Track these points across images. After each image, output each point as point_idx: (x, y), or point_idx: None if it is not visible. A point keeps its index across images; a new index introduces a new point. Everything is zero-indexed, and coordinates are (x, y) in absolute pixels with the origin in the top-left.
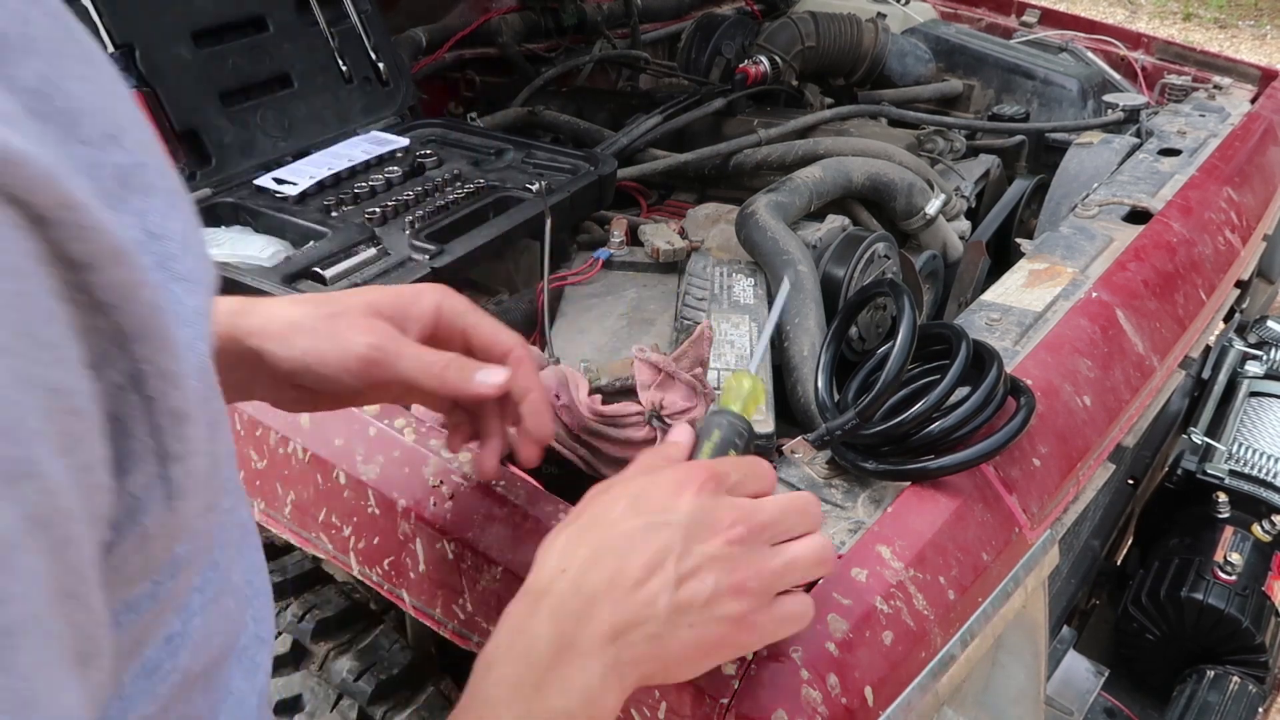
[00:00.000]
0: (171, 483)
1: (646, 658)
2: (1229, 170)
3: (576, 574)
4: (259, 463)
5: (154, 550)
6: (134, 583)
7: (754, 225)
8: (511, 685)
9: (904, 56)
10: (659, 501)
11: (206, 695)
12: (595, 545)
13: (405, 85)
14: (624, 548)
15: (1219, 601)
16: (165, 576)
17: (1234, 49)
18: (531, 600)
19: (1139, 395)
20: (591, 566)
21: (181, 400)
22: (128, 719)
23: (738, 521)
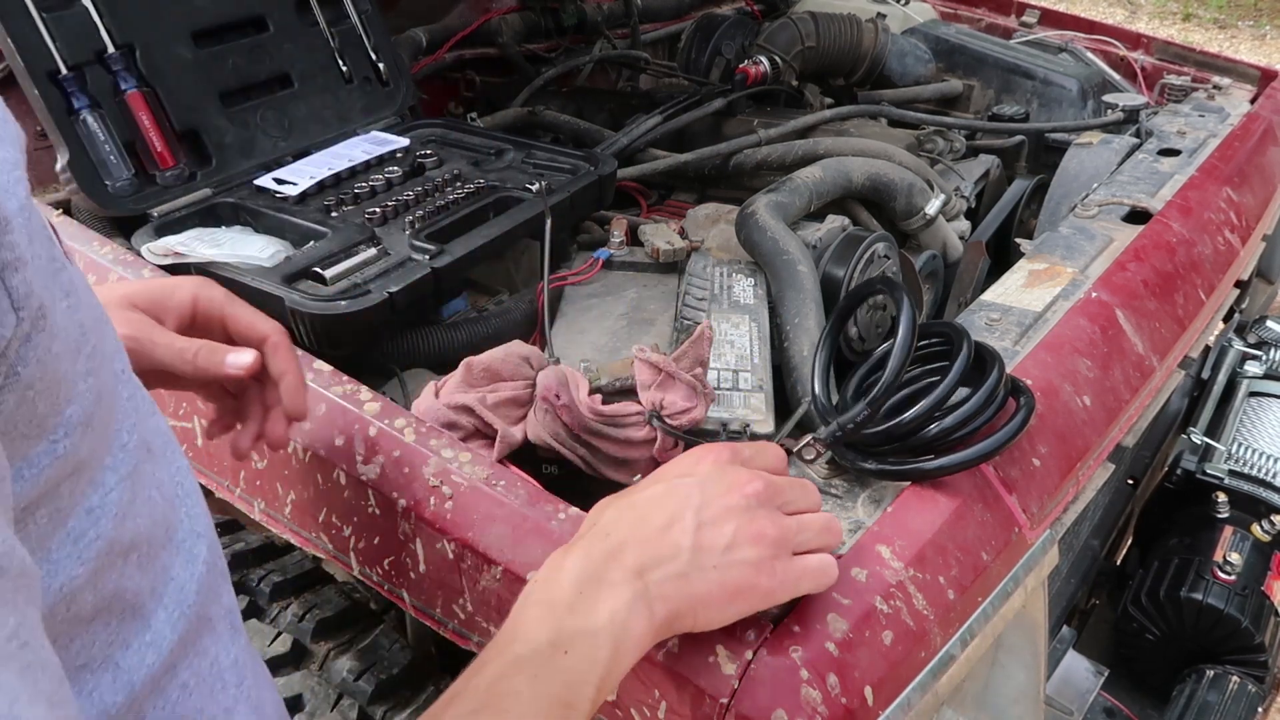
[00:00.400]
0: (12, 292)
1: (673, 595)
2: (1228, 170)
3: (605, 525)
4: (259, 463)
5: (38, 404)
6: (29, 438)
7: (754, 225)
8: (544, 606)
9: (904, 56)
10: (680, 467)
11: (144, 573)
12: (623, 505)
13: (405, 85)
14: (648, 503)
15: (1218, 601)
16: (61, 435)
17: (1234, 49)
18: (563, 550)
19: (1139, 395)
20: (618, 519)
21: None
22: (57, 581)
23: (754, 479)
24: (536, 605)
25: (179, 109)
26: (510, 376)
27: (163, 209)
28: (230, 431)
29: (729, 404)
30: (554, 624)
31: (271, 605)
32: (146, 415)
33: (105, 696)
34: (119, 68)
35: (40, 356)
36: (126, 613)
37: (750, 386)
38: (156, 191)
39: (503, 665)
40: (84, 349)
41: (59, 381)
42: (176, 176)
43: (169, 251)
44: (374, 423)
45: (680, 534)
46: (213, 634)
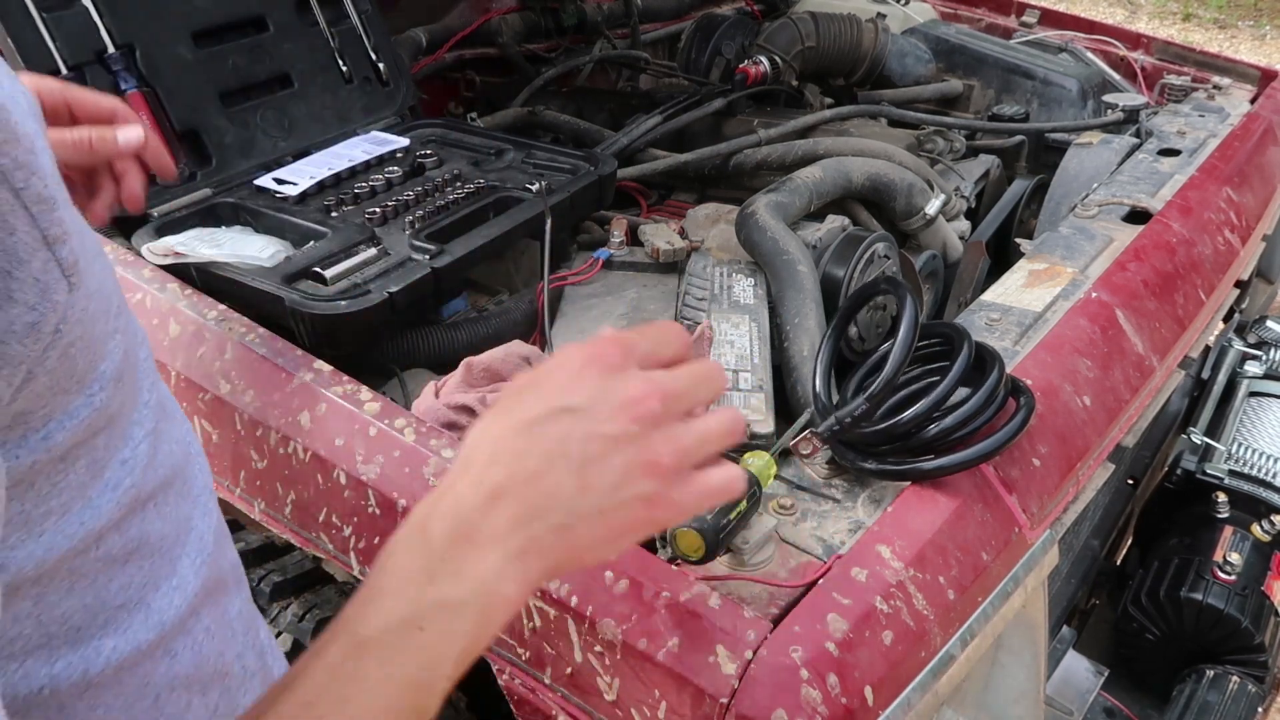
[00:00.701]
0: (63, 262)
1: (553, 548)
2: (1228, 170)
3: (479, 470)
4: (259, 463)
5: (78, 360)
6: (69, 393)
7: (754, 225)
8: (404, 575)
9: (904, 57)
10: (560, 385)
11: (165, 521)
12: (498, 435)
13: (405, 85)
14: (527, 435)
15: (1218, 601)
16: (97, 389)
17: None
18: (435, 497)
19: (1139, 395)
20: (492, 462)
21: (43, 187)
22: (97, 524)
23: (647, 395)
24: (396, 568)
25: (179, 109)
26: (510, 376)
27: (163, 209)
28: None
29: (729, 404)
30: (411, 595)
31: (271, 605)
32: (157, 376)
33: (138, 634)
34: (119, 68)
35: (79, 316)
36: (156, 557)
37: (750, 386)
38: (156, 191)
39: (348, 645)
40: (112, 308)
41: (94, 339)
42: (176, 176)
43: (169, 251)
44: (374, 423)
45: (563, 475)
46: (225, 587)
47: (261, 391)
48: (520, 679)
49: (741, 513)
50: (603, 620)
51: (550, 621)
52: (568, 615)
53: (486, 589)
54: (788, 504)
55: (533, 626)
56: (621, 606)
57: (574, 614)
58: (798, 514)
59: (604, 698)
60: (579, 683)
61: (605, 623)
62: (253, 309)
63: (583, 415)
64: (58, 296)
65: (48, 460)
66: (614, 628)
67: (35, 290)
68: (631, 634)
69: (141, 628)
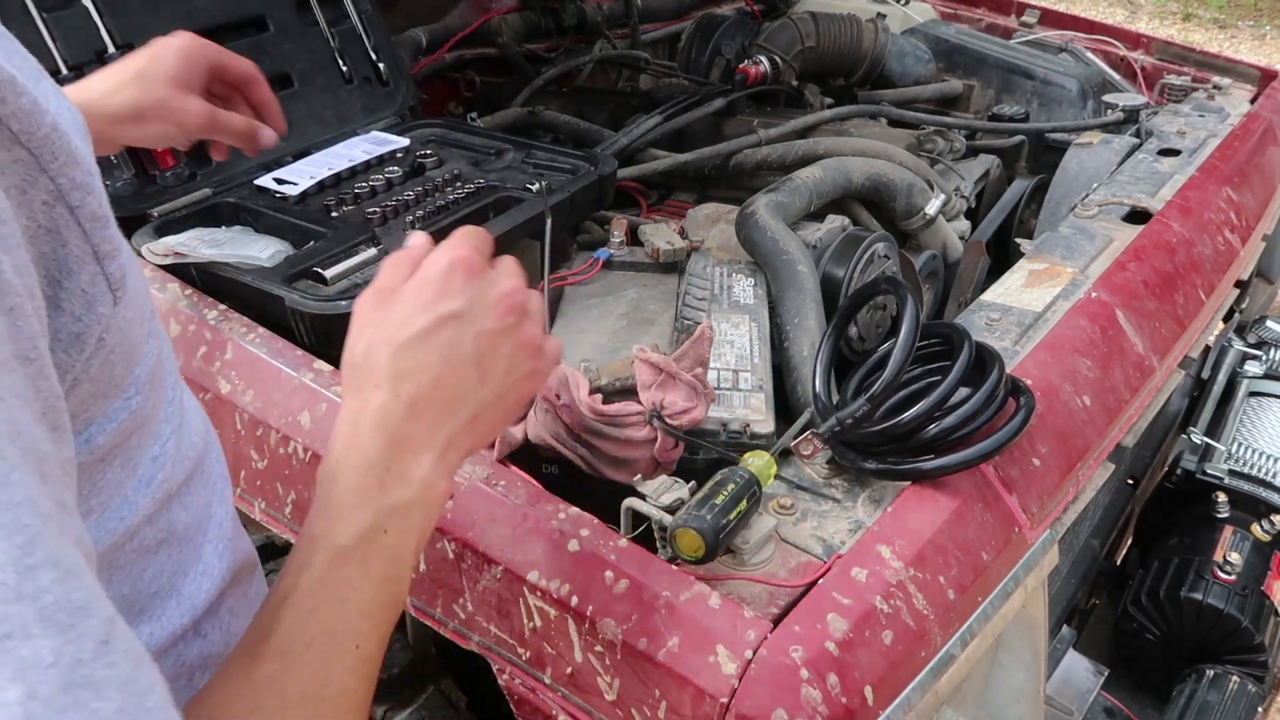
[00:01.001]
0: (110, 277)
1: (468, 438)
2: (1228, 170)
3: (390, 385)
4: (259, 463)
5: (118, 366)
6: (109, 397)
7: (754, 225)
8: (356, 491)
9: (904, 57)
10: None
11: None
12: (393, 352)
13: (405, 85)
14: (422, 351)
15: (1218, 601)
16: (134, 392)
17: (1234, 49)
18: (355, 417)
19: (1139, 395)
20: (399, 376)
21: (97, 206)
22: (135, 519)
23: (514, 288)
24: (349, 488)
25: None
26: None
27: (163, 209)
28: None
29: (729, 404)
30: (371, 505)
31: None
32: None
33: (172, 619)
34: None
35: (120, 324)
36: (183, 545)
37: (750, 386)
38: (157, 191)
39: (330, 556)
40: (146, 313)
41: (132, 345)
42: (177, 176)
43: (169, 251)
44: None
45: (465, 374)
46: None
47: (261, 391)
48: (520, 679)
49: (741, 513)
50: (603, 620)
51: (550, 621)
52: (568, 615)
53: (426, 487)
54: (788, 504)
55: (533, 626)
56: (621, 606)
57: (574, 614)
58: (798, 514)
59: (604, 698)
60: (579, 683)
61: (605, 623)
62: (253, 309)
63: (468, 317)
64: (103, 309)
65: (89, 462)
66: (614, 628)
67: (82, 301)
68: (631, 634)
69: (174, 613)
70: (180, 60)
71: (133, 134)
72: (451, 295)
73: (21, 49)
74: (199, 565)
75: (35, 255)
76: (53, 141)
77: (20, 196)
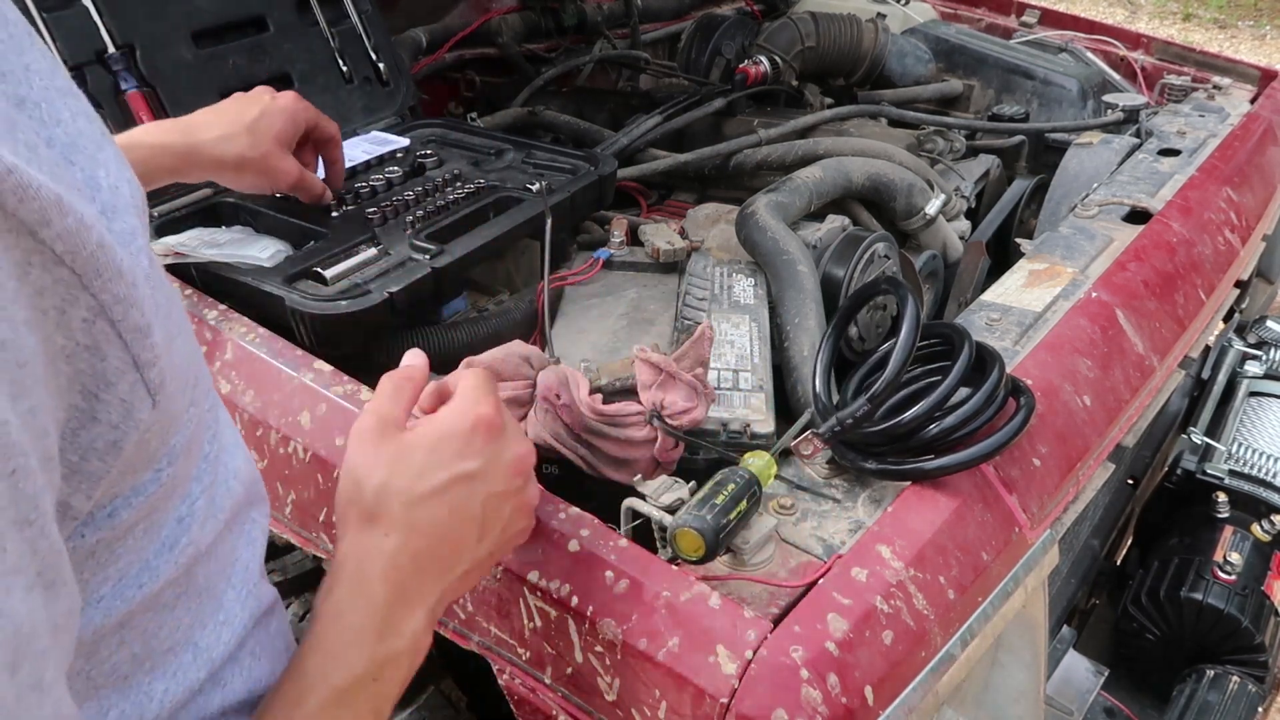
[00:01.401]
0: (149, 384)
1: (456, 589)
2: (1228, 170)
3: (402, 534)
4: (260, 463)
5: (153, 443)
6: (139, 471)
7: (754, 225)
8: (357, 635)
9: (904, 56)
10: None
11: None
12: (410, 501)
13: (405, 85)
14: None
15: (1219, 601)
16: (165, 464)
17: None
18: (363, 559)
19: (1139, 395)
20: (413, 529)
21: (139, 317)
22: (157, 582)
23: (528, 454)
24: (351, 631)
25: (179, 109)
26: (510, 376)
27: (163, 208)
28: None
29: (729, 404)
30: (369, 653)
31: None
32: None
33: (189, 674)
34: (119, 68)
35: (158, 416)
36: (202, 595)
37: (750, 386)
38: (157, 191)
39: (325, 697)
40: (189, 382)
41: (170, 419)
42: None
43: (169, 251)
44: None
45: (468, 533)
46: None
47: (261, 391)
48: (520, 679)
49: (741, 513)
50: (603, 620)
51: (550, 621)
52: (568, 615)
53: (416, 640)
54: (788, 504)
55: (533, 626)
56: (621, 606)
57: (574, 614)
58: (798, 514)
59: (604, 698)
60: (579, 683)
61: (605, 623)
62: (253, 309)
63: (481, 478)
64: (141, 415)
65: (109, 536)
66: (614, 628)
67: (120, 411)
68: (632, 634)
69: (191, 666)
70: (287, 121)
71: (229, 179)
72: (472, 455)
73: (87, 109)
74: (219, 614)
75: (71, 373)
76: (97, 259)
77: (59, 317)
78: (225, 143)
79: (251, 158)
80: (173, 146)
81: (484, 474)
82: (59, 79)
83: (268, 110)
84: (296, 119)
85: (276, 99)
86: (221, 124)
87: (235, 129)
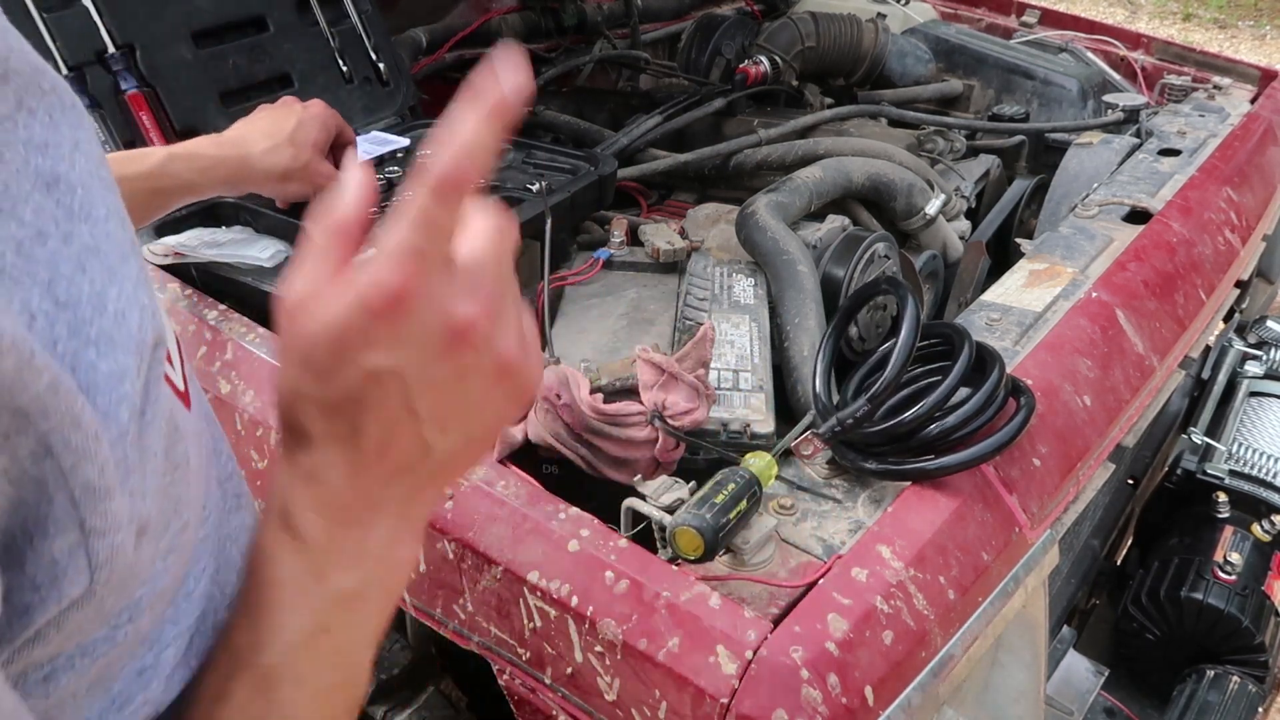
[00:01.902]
0: (92, 556)
1: (433, 486)
2: (1229, 170)
3: (321, 450)
4: (259, 463)
5: (106, 603)
6: (84, 632)
7: (754, 225)
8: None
9: (904, 56)
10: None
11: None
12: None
13: (405, 85)
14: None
15: (1219, 601)
16: (123, 620)
17: (1234, 49)
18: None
19: (1139, 395)
20: (330, 439)
21: (95, 474)
22: None
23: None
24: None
25: (179, 109)
26: None
27: None
28: None
29: (729, 404)
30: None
31: None
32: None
33: None
34: (119, 68)
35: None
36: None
37: (750, 386)
38: None
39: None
40: (174, 523)
41: (134, 574)
42: None
43: (169, 251)
44: None
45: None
46: None
47: (261, 391)
48: (520, 679)
49: (741, 512)
50: (603, 620)
51: (550, 621)
52: (568, 615)
53: (383, 561)
54: (788, 504)
55: (533, 626)
56: (621, 606)
57: (574, 614)
58: (798, 514)
59: (604, 698)
60: (579, 683)
61: (605, 623)
62: (253, 309)
63: (409, 370)
64: (70, 590)
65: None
66: (614, 628)
67: (48, 573)
68: (632, 634)
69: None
70: (321, 129)
71: (274, 190)
72: (379, 344)
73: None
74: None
75: (14, 497)
76: (45, 402)
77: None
78: (272, 155)
79: (295, 168)
80: (230, 160)
81: (409, 363)
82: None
83: (304, 120)
84: (329, 126)
85: (309, 108)
86: (264, 137)
87: (278, 140)
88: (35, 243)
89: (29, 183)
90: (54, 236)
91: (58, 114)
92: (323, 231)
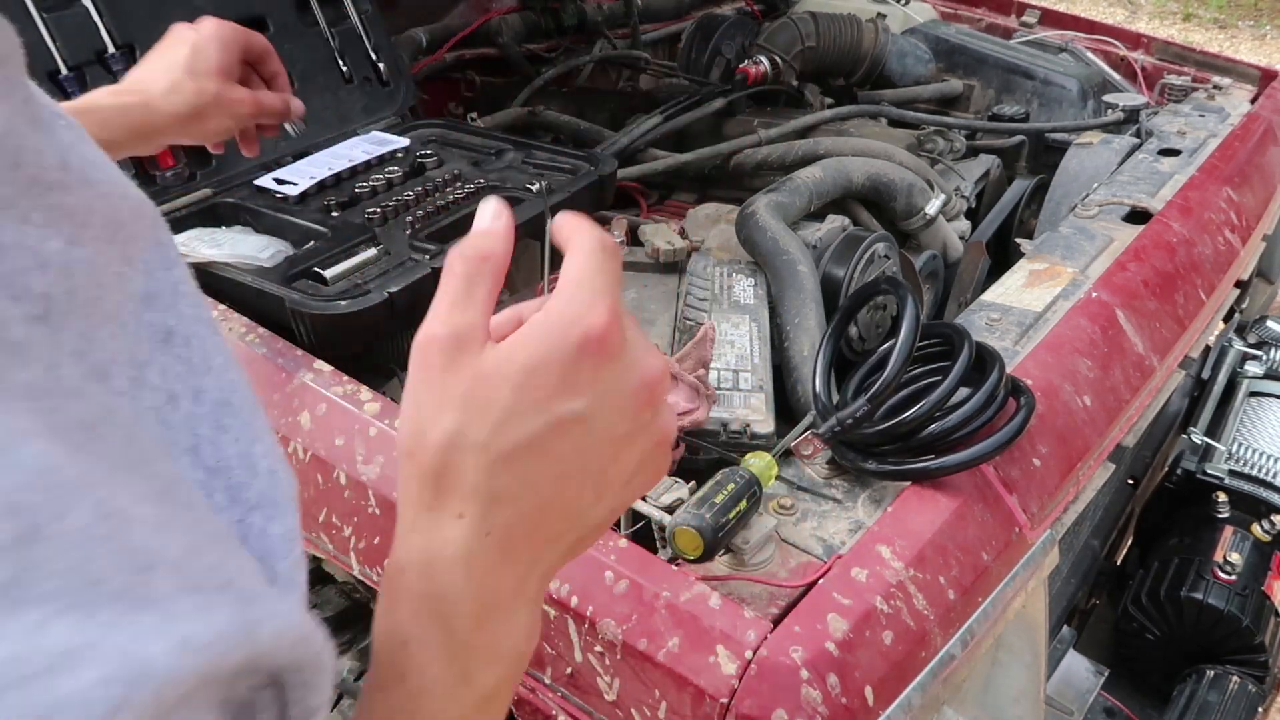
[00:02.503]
0: None
1: (564, 561)
2: (1229, 170)
3: (480, 511)
4: None
5: None
6: None
7: (754, 225)
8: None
9: (904, 56)
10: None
11: None
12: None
13: (405, 85)
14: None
15: (1219, 601)
16: None
17: (1234, 49)
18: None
19: (1139, 395)
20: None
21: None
22: None
23: (659, 377)
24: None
25: None
26: None
27: (163, 209)
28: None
29: (729, 404)
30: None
31: None
32: None
33: None
34: (119, 68)
35: None
36: None
37: (750, 386)
38: (157, 191)
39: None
40: None
41: None
42: (177, 176)
43: None
44: (374, 423)
45: (577, 493)
46: None
47: (261, 391)
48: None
49: (741, 512)
50: (603, 620)
51: (550, 621)
52: (568, 615)
53: (518, 653)
54: (788, 504)
55: None
56: (621, 606)
57: (574, 614)
58: (798, 514)
59: (604, 698)
60: (579, 683)
61: (605, 623)
62: (253, 309)
63: (596, 420)
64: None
65: None
66: (614, 628)
67: None
68: (631, 634)
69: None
70: (220, 50)
71: (193, 132)
72: (581, 388)
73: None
74: None
75: None
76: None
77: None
78: (174, 95)
79: (204, 102)
80: (132, 108)
81: (599, 413)
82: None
83: (197, 45)
84: (228, 45)
85: (199, 29)
86: (158, 75)
87: (175, 76)
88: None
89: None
90: (184, 397)
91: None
92: (465, 262)
